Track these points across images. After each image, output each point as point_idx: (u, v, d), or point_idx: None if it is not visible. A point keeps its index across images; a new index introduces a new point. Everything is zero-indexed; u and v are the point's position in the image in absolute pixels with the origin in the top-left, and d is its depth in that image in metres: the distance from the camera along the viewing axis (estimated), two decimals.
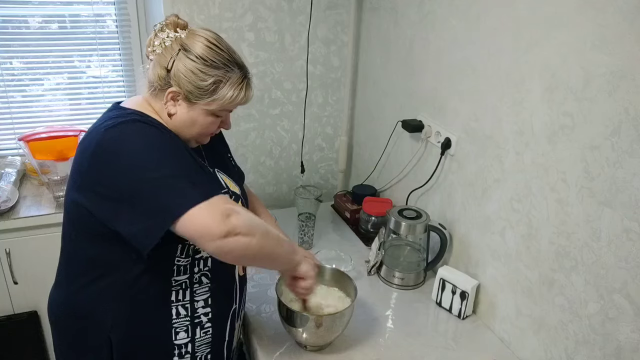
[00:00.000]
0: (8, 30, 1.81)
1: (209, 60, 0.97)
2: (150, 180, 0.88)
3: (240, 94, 1.01)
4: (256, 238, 0.92)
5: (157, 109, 1.02)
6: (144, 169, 0.89)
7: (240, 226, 0.88)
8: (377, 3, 1.81)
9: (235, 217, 0.88)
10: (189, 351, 1.07)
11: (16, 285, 1.74)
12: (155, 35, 1.00)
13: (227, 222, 0.86)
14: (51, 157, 1.76)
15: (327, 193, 2.23)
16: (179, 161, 0.93)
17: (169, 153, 0.93)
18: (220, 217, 0.86)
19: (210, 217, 0.86)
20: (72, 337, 1.07)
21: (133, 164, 0.89)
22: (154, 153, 0.91)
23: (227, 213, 0.87)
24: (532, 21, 1.13)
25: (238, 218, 0.88)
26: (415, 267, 1.51)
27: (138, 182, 0.88)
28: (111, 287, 1.00)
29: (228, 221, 0.87)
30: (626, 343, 0.99)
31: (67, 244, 1.05)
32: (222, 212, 0.87)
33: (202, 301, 1.07)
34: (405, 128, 1.64)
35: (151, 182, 0.88)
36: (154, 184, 0.88)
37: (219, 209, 0.87)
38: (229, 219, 0.87)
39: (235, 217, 0.88)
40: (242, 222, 0.89)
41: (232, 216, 0.87)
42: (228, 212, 0.87)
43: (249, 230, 0.90)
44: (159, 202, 0.87)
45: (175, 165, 0.91)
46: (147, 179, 0.88)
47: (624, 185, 0.96)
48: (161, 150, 0.92)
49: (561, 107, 1.08)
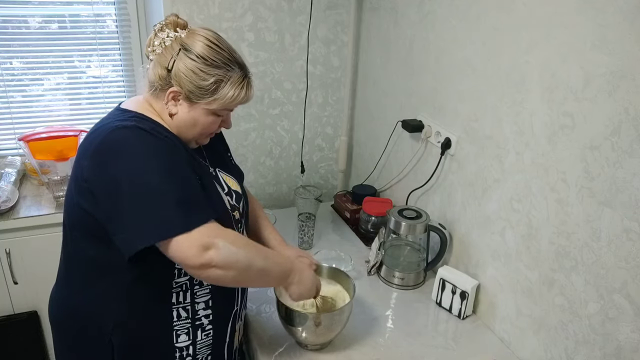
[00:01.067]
0: (8, 30, 1.81)
1: (210, 60, 0.97)
2: (143, 192, 0.88)
3: (241, 93, 1.00)
4: (232, 272, 0.92)
5: (158, 109, 1.02)
6: (138, 179, 0.89)
7: (216, 260, 0.89)
8: (377, 3, 1.81)
9: (214, 251, 0.88)
10: (190, 354, 1.07)
11: (16, 285, 1.75)
12: (155, 35, 1.00)
13: (204, 255, 0.87)
14: (51, 157, 1.76)
15: (327, 193, 2.23)
16: (174, 177, 0.92)
17: (166, 166, 0.92)
18: (198, 249, 0.87)
19: (189, 248, 0.87)
20: (73, 339, 1.07)
21: (128, 172, 0.89)
22: (151, 164, 0.90)
23: (206, 246, 0.88)
24: (532, 21, 1.13)
25: (217, 253, 0.89)
26: (415, 267, 1.51)
27: (130, 193, 0.88)
28: (111, 289, 1.00)
29: (205, 255, 0.88)
30: (626, 343, 0.99)
31: (68, 244, 1.05)
32: (201, 245, 0.87)
33: (203, 303, 1.06)
34: (405, 128, 1.64)
35: (142, 196, 0.88)
36: (145, 200, 0.88)
37: (198, 241, 0.87)
38: (206, 252, 0.88)
39: (215, 251, 0.88)
40: (220, 256, 0.89)
41: (211, 249, 0.88)
42: (208, 244, 0.88)
43: (226, 264, 0.90)
44: (143, 220, 0.88)
45: (169, 182, 0.90)
46: (140, 190, 0.88)
47: (624, 185, 0.96)
48: (159, 163, 0.91)
49: (561, 107, 1.08)
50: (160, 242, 0.87)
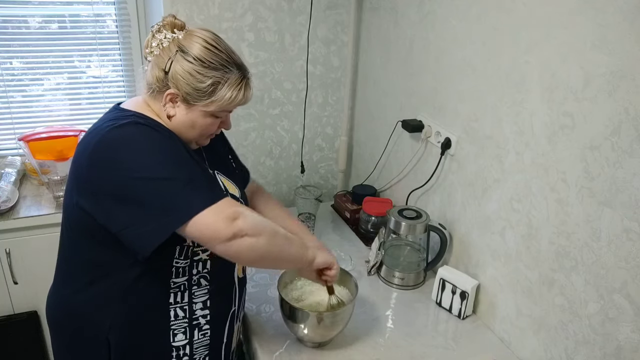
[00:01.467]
0: (8, 30, 1.81)
1: (207, 62, 0.96)
2: (153, 183, 0.88)
3: (239, 95, 1.00)
4: (263, 238, 0.93)
5: (157, 110, 1.01)
6: (146, 172, 0.88)
7: (246, 228, 0.89)
8: (377, 3, 1.81)
9: (242, 220, 0.89)
10: (187, 353, 1.07)
11: (16, 285, 1.74)
12: (153, 36, 0.99)
13: (234, 225, 0.88)
14: (51, 157, 1.76)
15: (327, 193, 2.23)
16: (182, 164, 0.93)
17: (172, 156, 0.93)
18: (227, 220, 0.88)
19: (217, 221, 0.87)
20: (70, 338, 1.07)
21: (135, 166, 0.89)
22: (157, 156, 0.91)
23: (233, 216, 0.89)
24: (532, 21, 1.13)
25: (245, 220, 0.90)
26: (415, 267, 1.51)
27: (141, 185, 0.88)
28: (109, 289, 1.00)
29: (234, 224, 0.88)
30: (626, 343, 0.99)
31: (66, 245, 1.05)
32: (228, 215, 0.88)
33: (201, 303, 1.06)
34: (405, 128, 1.64)
35: (154, 185, 0.88)
36: (159, 187, 0.88)
37: (225, 212, 0.88)
38: (235, 222, 0.88)
39: (242, 219, 0.89)
40: (248, 223, 0.90)
41: (239, 219, 0.89)
42: (234, 215, 0.89)
43: (255, 231, 0.91)
44: (164, 206, 0.87)
45: (178, 169, 0.91)
46: (151, 182, 0.88)
47: (624, 185, 0.96)
48: (164, 153, 0.92)
49: (561, 107, 1.08)
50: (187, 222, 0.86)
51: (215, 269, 1.07)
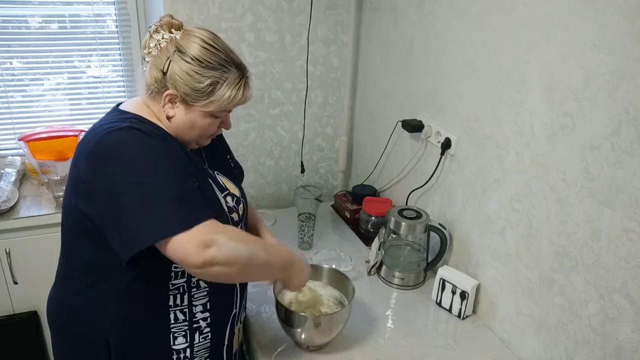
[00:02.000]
0: (8, 30, 1.81)
1: (205, 62, 0.95)
2: (140, 194, 0.87)
3: (238, 94, 0.99)
4: (235, 268, 0.90)
5: (156, 111, 1.01)
6: (135, 180, 0.88)
7: (218, 257, 0.87)
8: (377, 3, 1.81)
9: (215, 249, 0.86)
10: (187, 356, 1.07)
11: (16, 285, 1.74)
12: (151, 36, 0.99)
13: (206, 252, 0.86)
14: (51, 157, 1.76)
15: (327, 193, 2.23)
16: (172, 177, 0.91)
17: (162, 167, 0.91)
18: (199, 247, 0.85)
19: (190, 246, 0.85)
20: (70, 340, 1.07)
21: (125, 173, 0.88)
22: (147, 164, 0.90)
23: (206, 244, 0.86)
24: (532, 21, 1.13)
25: (218, 249, 0.87)
26: (415, 267, 1.51)
27: (128, 192, 0.87)
28: (108, 291, 1.00)
29: (206, 252, 0.86)
30: (626, 343, 0.99)
31: (66, 246, 1.05)
32: (202, 242, 0.86)
33: (201, 306, 1.06)
34: (405, 128, 1.64)
35: (141, 197, 0.87)
36: (144, 200, 0.87)
37: (198, 239, 0.86)
38: (207, 250, 0.86)
39: (216, 248, 0.87)
40: (221, 253, 0.87)
41: (212, 247, 0.86)
42: (208, 242, 0.86)
43: (227, 260, 0.88)
44: (142, 220, 0.86)
45: (167, 180, 0.89)
46: (138, 192, 0.87)
47: (624, 185, 0.96)
48: (155, 163, 0.91)
49: (561, 107, 1.08)
50: (160, 242, 0.86)
51: None
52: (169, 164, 0.93)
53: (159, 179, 0.88)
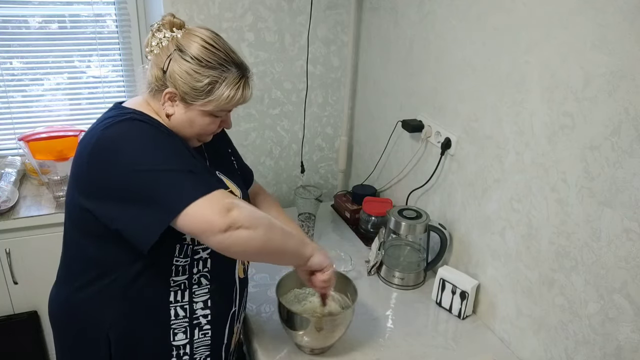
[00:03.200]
0: (8, 30, 1.81)
1: (204, 61, 0.96)
2: (148, 176, 0.88)
3: (237, 94, 0.99)
4: (259, 231, 0.90)
5: (156, 109, 1.02)
6: (142, 165, 0.88)
7: (241, 219, 0.87)
8: (377, 3, 1.81)
9: (237, 211, 0.87)
10: (187, 352, 1.07)
11: (16, 285, 1.74)
12: (153, 35, 0.99)
13: (228, 215, 0.86)
14: (51, 157, 1.76)
15: (327, 193, 2.23)
16: (177, 156, 0.92)
17: (167, 149, 0.93)
18: (221, 211, 0.85)
19: (211, 211, 0.85)
20: (72, 335, 1.07)
21: (131, 161, 0.89)
22: (151, 149, 0.91)
23: (228, 207, 0.86)
24: (532, 21, 1.13)
25: (240, 211, 0.87)
26: (415, 267, 1.51)
27: (137, 179, 0.88)
28: (110, 287, 1.00)
29: (229, 215, 0.86)
30: (626, 343, 0.99)
31: (68, 243, 1.05)
32: (223, 206, 0.86)
33: (201, 303, 1.06)
34: (405, 128, 1.64)
35: (150, 178, 0.87)
36: (153, 180, 0.87)
37: (219, 203, 0.86)
38: (230, 212, 0.86)
39: (237, 210, 0.87)
40: (244, 215, 0.88)
41: (234, 210, 0.87)
42: (229, 206, 0.87)
43: (251, 223, 0.89)
44: (158, 199, 0.87)
45: (173, 161, 0.90)
46: (145, 175, 0.88)
47: (624, 185, 0.96)
48: (159, 147, 0.92)
49: (561, 107, 1.08)
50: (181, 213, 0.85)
51: (216, 268, 1.07)
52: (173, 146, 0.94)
53: (165, 161, 0.89)
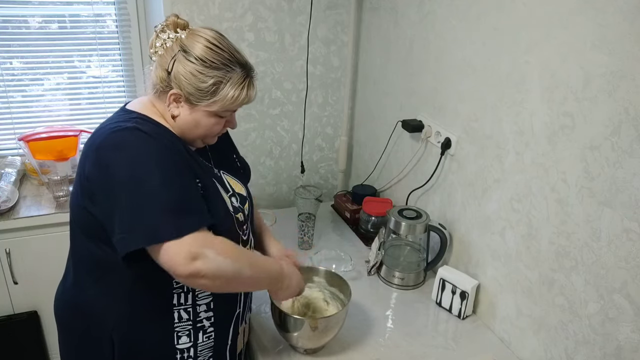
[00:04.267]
0: (8, 30, 1.81)
1: (209, 62, 0.96)
2: (136, 197, 0.88)
3: (242, 94, 0.99)
4: (220, 282, 0.91)
5: (161, 110, 1.02)
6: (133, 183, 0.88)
7: (204, 271, 0.87)
8: (377, 3, 1.81)
9: (202, 262, 0.87)
10: (191, 355, 1.07)
11: (16, 285, 1.74)
12: (157, 36, 0.99)
13: (192, 264, 0.86)
14: (51, 157, 1.76)
15: (327, 193, 2.23)
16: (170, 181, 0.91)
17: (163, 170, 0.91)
18: (187, 258, 0.86)
19: (178, 255, 0.86)
20: (76, 335, 1.08)
21: (124, 174, 0.89)
22: (146, 167, 0.90)
23: (194, 256, 0.87)
24: (532, 21, 1.13)
25: (204, 263, 0.87)
26: (415, 267, 1.51)
27: (125, 195, 0.88)
28: (113, 288, 1.01)
29: (193, 264, 0.86)
30: (626, 343, 0.99)
31: (73, 243, 1.06)
32: (190, 254, 0.86)
33: (205, 305, 1.06)
34: (405, 128, 1.64)
35: (137, 199, 0.88)
36: (139, 202, 0.88)
37: (187, 250, 0.86)
38: (194, 262, 0.86)
39: (202, 261, 0.87)
40: (207, 266, 0.88)
41: (198, 260, 0.87)
42: (195, 254, 0.87)
43: (213, 274, 0.89)
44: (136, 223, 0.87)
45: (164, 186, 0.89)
46: (134, 195, 0.88)
47: (624, 185, 0.96)
48: (156, 166, 0.91)
49: (561, 107, 1.08)
50: (149, 246, 0.87)
51: None
52: (171, 167, 0.93)
53: (158, 183, 0.89)
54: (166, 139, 0.97)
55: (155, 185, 0.88)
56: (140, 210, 0.88)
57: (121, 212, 0.88)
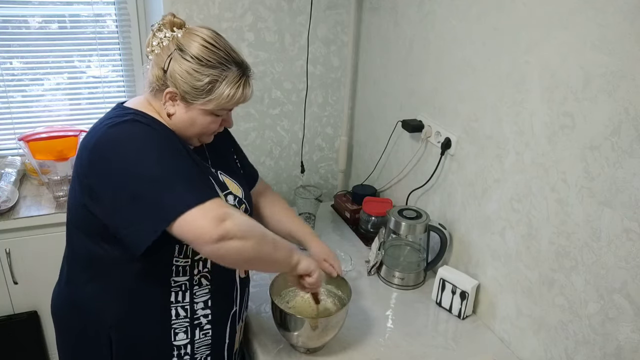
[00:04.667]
0: (8, 30, 1.81)
1: (205, 60, 0.96)
2: (146, 181, 0.88)
3: (238, 93, 1.00)
4: (251, 242, 0.91)
5: (158, 108, 1.02)
6: (140, 169, 0.88)
7: (234, 230, 0.87)
8: (377, 3, 1.81)
9: (230, 221, 0.87)
10: (188, 352, 1.07)
11: (16, 285, 1.74)
12: (154, 35, 1.00)
13: (221, 226, 0.86)
14: (51, 157, 1.76)
15: (327, 193, 2.23)
16: (176, 162, 0.92)
17: (166, 154, 0.92)
18: (214, 221, 0.86)
19: (204, 221, 0.85)
20: (74, 334, 1.08)
21: (128, 164, 0.89)
22: (150, 153, 0.91)
23: (221, 217, 0.86)
24: (532, 21, 1.13)
25: (233, 222, 0.88)
26: (415, 267, 1.51)
27: (133, 183, 0.88)
28: (111, 286, 1.01)
29: (222, 225, 0.86)
30: (626, 343, 0.99)
31: (70, 241, 1.06)
32: (216, 216, 0.86)
33: (202, 303, 1.06)
34: (405, 128, 1.64)
35: (146, 183, 0.88)
36: (149, 186, 0.87)
37: (213, 213, 0.86)
38: (223, 223, 0.86)
39: (230, 221, 0.87)
40: (236, 226, 0.88)
41: (227, 220, 0.87)
42: (222, 216, 0.87)
43: (243, 234, 0.89)
44: (153, 205, 0.87)
45: (171, 167, 0.90)
46: (142, 179, 0.88)
47: (624, 185, 0.96)
48: (158, 151, 0.92)
49: (561, 107, 1.08)
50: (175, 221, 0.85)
51: (216, 269, 1.07)
52: (172, 152, 0.94)
53: (163, 166, 0.89)
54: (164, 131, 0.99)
55: (162, 169, 0.89)
56: (155, 193, 0.87)
57: (132, 204, 0.87)
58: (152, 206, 0.87)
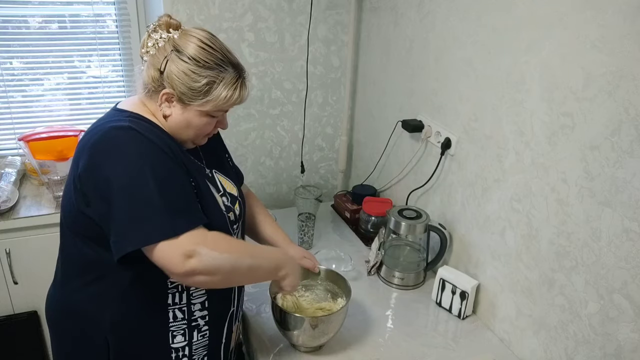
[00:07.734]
0: (8, 30, 1.81)
1: (202, 61, 0.96)
2: (130, 197, 0.88)
3: (235, 94, 0.99)
4: (218, 277, 0.93)
5: (153, 110, 1.01)
6: (127, 184, 0.89)
7: (199, 268, 0.89)
8: (377, 3, 1.81)
9: (197, 259, 0.88)
10: (186, 354, 1.07)
11: (16, 285, 1.74)
12: (149, 36, 0.99)
13: (187, 263, 0.88)
14: (51, 157, 1.76)
15: (327, 193, 2.23)
16: (165, 181, 0.91)
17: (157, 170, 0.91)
18: (182, 257, 0.88)
19: (173, 255, 0.88)
20: (70, 337, 1.07)
21: (119, 175, 0.89)
22: (142, 168, 0.90)
23: (188, 254, 0.88)
24: (532, 21, 1.13)
25: (199, 260, 0.89)
26: (415, 267, 1.51)
27: (120, 196, 0.88)
28: (107, 289, 1.00)
29: (188, 263, 0.88)
30: (626, 343, 0.99)
31: (64, 244, 1.05)
32: (185, 252, 0.88)
33: (199, 304, 1.06)
34: (405, 128, 1.64)
35: (131, 200, 0.88)
36: (133, 203, 0.88)
37: (182, 250, 0.88)
38: (189, 260, 0.88)
39: (196, 259, 0.88)
40: (202, 263, 0.89)
41: (193, 258, 0.88)
42: (190, 253, 0.88)
43: (209, 271, 0.91)
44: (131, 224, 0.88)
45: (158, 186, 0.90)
46: (127, 195, 0.88)
47: (624, 185, 0.96)
48: (150, 166, 0.91)
49: (561, 107, 1.08)
50: (144, 247, 0.88)
51: None
52: (164, 167, 0.93)
53: (151, 184, 0.89)
54: (160, 138, 0.97)
55: (150, 187, 0.89)
56: (135, 212, 0.88)
57: (115, 214, 0.89)
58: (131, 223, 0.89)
